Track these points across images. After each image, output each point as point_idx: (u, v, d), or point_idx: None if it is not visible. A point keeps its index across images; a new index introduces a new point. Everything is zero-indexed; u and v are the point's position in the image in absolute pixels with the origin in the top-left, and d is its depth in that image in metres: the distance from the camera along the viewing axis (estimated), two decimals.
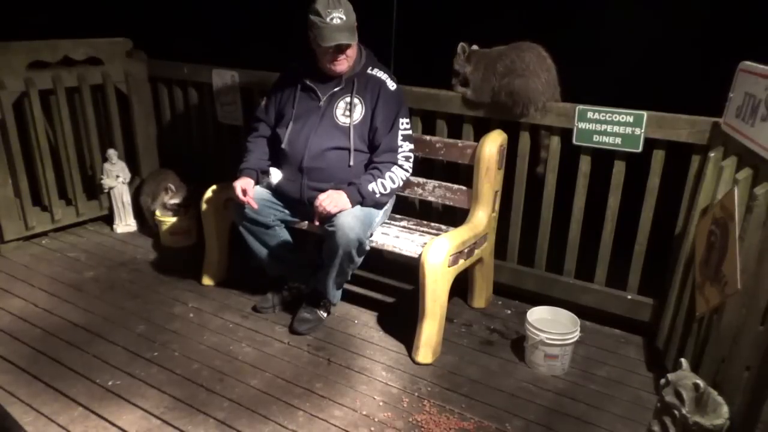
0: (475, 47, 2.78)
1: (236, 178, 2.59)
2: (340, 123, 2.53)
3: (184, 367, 2.43)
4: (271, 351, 2.56)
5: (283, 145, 2.58)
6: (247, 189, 2.54)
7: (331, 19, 2.35)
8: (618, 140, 2.53)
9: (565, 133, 2.67)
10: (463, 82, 2.78)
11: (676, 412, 1.67)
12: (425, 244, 2.48)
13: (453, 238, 2.48)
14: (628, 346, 2.68)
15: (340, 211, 2.42)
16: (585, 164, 2.68)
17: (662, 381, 1.77)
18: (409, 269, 2.61)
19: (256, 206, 2.54)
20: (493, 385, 2.38)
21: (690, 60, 3.38)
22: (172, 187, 3.41)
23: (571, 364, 2.48)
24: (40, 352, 2.50)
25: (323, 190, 2.46)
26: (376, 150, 2.55)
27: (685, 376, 1.72)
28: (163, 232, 3.50)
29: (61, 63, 3.50)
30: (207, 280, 3.10)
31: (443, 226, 2.81)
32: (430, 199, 2.87)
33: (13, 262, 3.29)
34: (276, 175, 2.62)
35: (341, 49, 2.42)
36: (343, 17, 2.37)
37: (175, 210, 3.46)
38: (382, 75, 2.55)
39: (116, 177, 3.64)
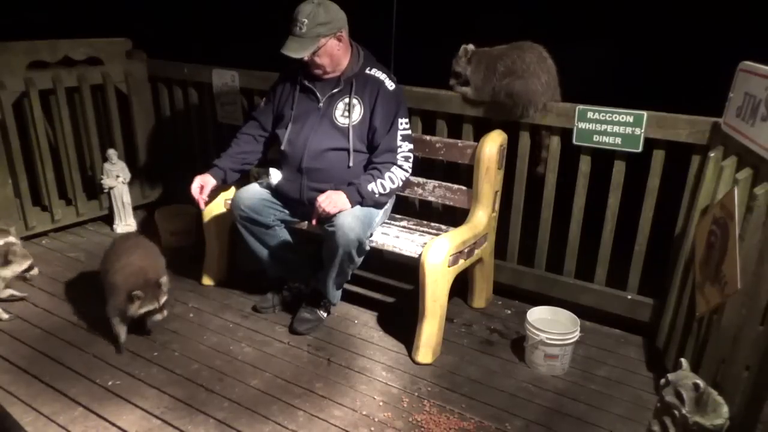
0: (471, 47, 2.77)
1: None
2: (339, 124, 2.53)
3: (184, 367, 2.43)
4: (271, 351, 2.56)
5: (282, 146, 2.58)
6: (205, 187, 2.59)
7: (294, 26, 2.39)
8: (618, 140, 2.53)
9: (565, 133, 2.67)
10: (463, 83, 2.78)
11: (676, 412, 1.67)
12: (425, 244, 2.48)
13: (453, 238, 2.48)
14: (628, 346, 2.68)
15: (339, 212, 2.42)
16: (585, 164, 2.68)
17: (662, 381, 1.77)
18: (409, 269, 2.61)
19: (203, 207, 2.67)
20: (493, 385, 2.38)
21: (690, 60, 3.38)
22: (139, 293, 2.36)
23: (571, 364, 2.48)
24: (40, 352, 2.50)
25: (323, 191, 2.46)
26: (375, 150, 2.55)
27: (685, 376, 1.72)
28: (163, 232, 3.50)
29: (61, 63, 3.50)
30: (207, 280, 3.10)
31: (443, 226, 2.81)
32: (430, 199, 2.87)
33: None
34: (276, 176, 2.63)
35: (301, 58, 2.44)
36: (303, 28, 2.38)
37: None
38: (380, 75, 2.55)
39: (116, 177, 3.63)
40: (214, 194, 2.91)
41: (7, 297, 2.80)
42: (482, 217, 2.68)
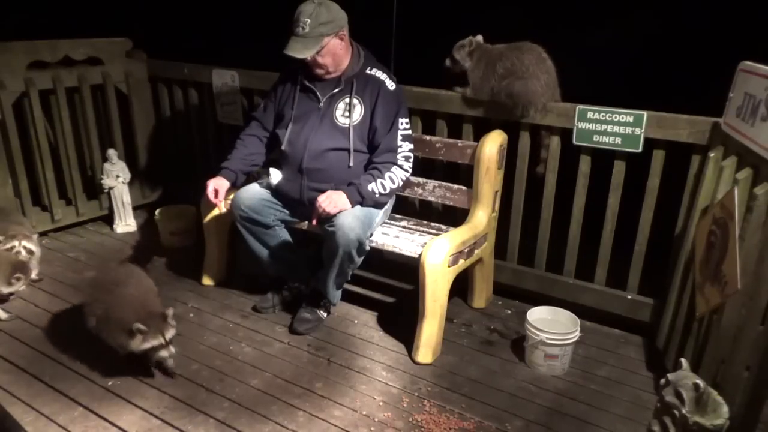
0: (479, 38, 2.76)
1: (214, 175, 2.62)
2: (340, 124, 2.53)
3: (184, 367, 2.43)
4: (271, 351, 2.56)
5: (282, 146, 2.58)
6: (220, 190, 2.56)
7: (296, 26, 2.39)
8: (618, 140, 2.53)
9: (565, 133, 2.67)
10: (457, 71, 2.77)
11: (676, 412, 1.67)
12: (425, 244, 2.48)
13: (453, 238, 2.48)
14: (628, 346, 2.68)
15: (339, 212, 2.42)
16: (585, 164, 2.68)
17: (662, 381, 1.77)
18: (409, 269, 2.61)
19: (224, 210, 2.61)
20: (493, 385, 2.38)
21: (690, 60, 3.38)
22: (142, 327, 2.16)
23: (571, 364, 2.48)
24: (40, 352, 2.50)
25: (323, 191, 2.46)
26: (375, 150, 2.55)
27: (685, 376, 1.72)
28: (163, 232, 3.50)
29: (61, 63, 3.50)
30: (207, 280, 3.10)
31: (443, 226, 2.81)
32: (430, 199, 2.87)
33: None
34: (276, 176, 2.63)
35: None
36: (306, 28, 2.37)
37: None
38: (381, 75, 2.55)
39: (116, 177, 3.64)
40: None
41: None
42: (482, 217, 2.68)
